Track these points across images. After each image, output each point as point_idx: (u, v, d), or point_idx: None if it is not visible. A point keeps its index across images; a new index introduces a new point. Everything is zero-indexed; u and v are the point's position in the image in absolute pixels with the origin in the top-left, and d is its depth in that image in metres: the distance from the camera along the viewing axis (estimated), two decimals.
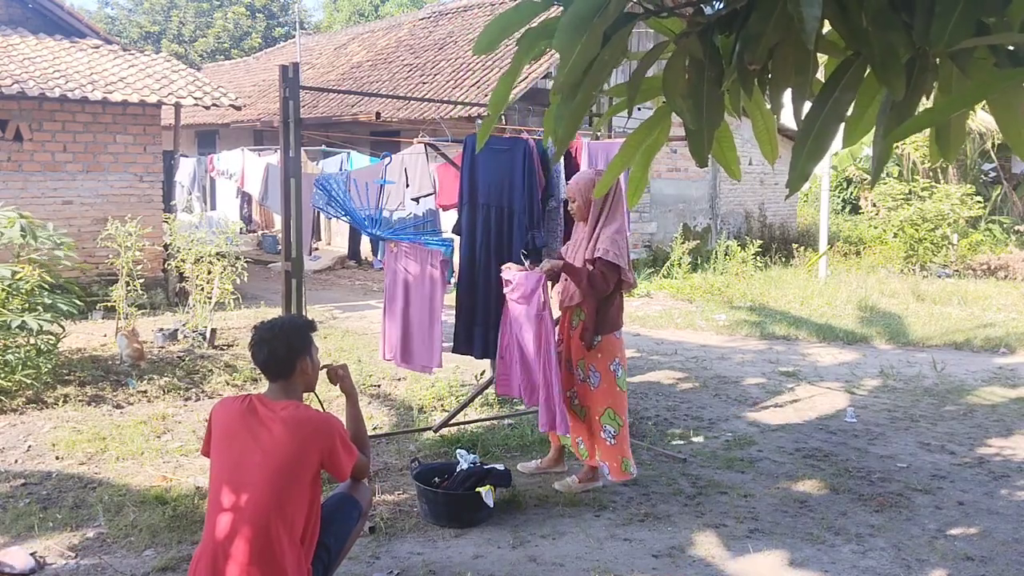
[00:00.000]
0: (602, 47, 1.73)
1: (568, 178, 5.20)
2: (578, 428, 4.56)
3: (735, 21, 1.79)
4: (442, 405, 6.14)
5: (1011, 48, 1.69)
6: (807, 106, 1.78)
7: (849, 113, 1.85)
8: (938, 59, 1.73)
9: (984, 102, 1.61)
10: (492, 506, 4.10)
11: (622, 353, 4.52)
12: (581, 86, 1.81)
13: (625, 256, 4.32)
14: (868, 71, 1.75)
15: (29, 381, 5.97)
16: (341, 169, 8.87)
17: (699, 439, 5.62)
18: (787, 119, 1.94)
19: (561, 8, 1.73)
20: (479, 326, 5.02)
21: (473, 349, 5.08)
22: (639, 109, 2.06)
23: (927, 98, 1.84)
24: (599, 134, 5.76)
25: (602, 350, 4.40)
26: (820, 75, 1.84)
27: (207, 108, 10.88)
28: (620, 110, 2.12)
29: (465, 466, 4.32)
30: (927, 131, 1.75)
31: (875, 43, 1.66)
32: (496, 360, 4.75)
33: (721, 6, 1.87)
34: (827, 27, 1.76)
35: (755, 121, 2.11)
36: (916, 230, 14.15)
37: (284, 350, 2.87)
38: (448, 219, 6.07)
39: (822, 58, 1.89)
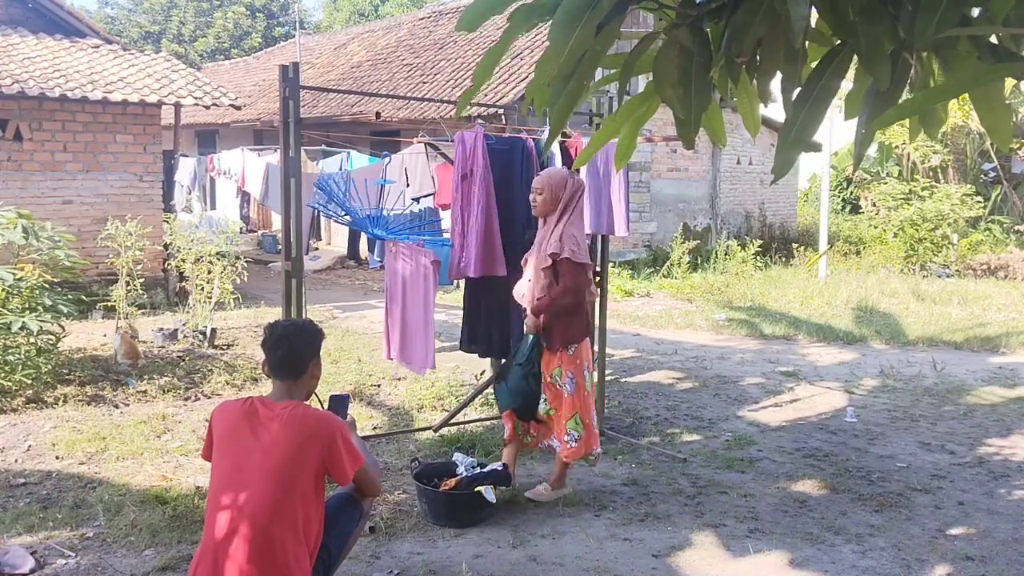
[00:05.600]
0: (595, 37, 1.75)
1: None
2: (546, 431, 4.50)
3: (724, 12, 1.82)
4: (442, 405, 6.14)
5: (993, 41, 1.71)
6: (795, 94, 1.81)
7: (849, 90, 1.88)
8: (924, 51, 1.76)
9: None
10: (495, 502, 4.09)
11: (591, 356, 4.54)
12: (574, 75, 1.83)
13: (581, 248, 4.29)
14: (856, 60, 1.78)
15: (29, 381, 5.97)
16: (341, 169, 8.87)
17: (699, 438, 5.62)
18: (778, 113, 1.97)
19: None
20: (483, 325, 5.03)
21: (478, 348, 5.08)
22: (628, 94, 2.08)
23: (910, 88, 1.87)
24: None
25: (578, 356, 4.38)
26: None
27: (207, 108, 10.88)
28: (611, 81, 2.13)
29: (463, 470, 4.32)
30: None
31: (862, 34, 1.69)
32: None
33: None
34: (814, 16, 1.79)
35: (740, 99, 2.13)
36: (916, 230, 14.16)
37: (302, 349, 2.91)
38: (448, 218, 6.07)
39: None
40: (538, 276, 4.33)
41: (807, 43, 1.85)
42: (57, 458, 4.99)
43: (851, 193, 20.89)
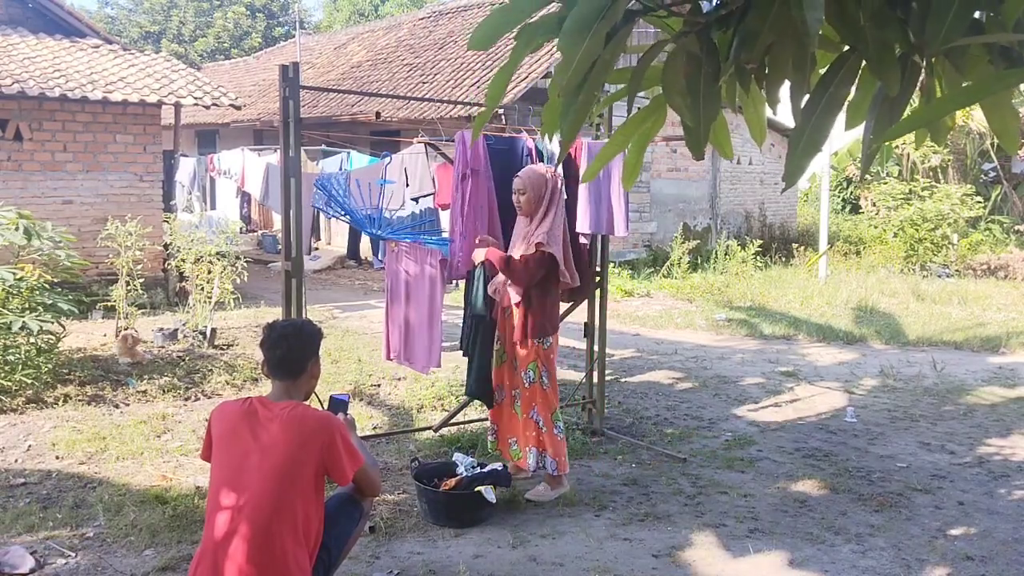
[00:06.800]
0: (604, 47, 1.74)
1: (568, 179, 5.20)
2: (514, 429, 4.58)
3: (732, 19, 1.81)
4: (442, 405, 6.14)
5: (1004, 46, 1.70)
6: (804, 101, 1.80)
7: (850, 98, 1.88)
8: (933, 56, 1.75)
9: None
10: (495, 501, 4.10)
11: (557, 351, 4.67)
12: (584, 86, 1.82)
13: (561, 250, 4.39)
14: (863, 65, 1.77)
15: (29, 381, 5.97)
16: (341, 169, 8.87)
17: (699, 438, 5.62)
18: (785, 117, 1.96)
19: (559, 4, 1.75)
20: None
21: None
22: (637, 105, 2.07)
23: (920, 93, 1.86)
24: (598, 135, 5.76)
25: (553, 351, 4.47)
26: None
27: (207, 108, 10.88)
28: (619, 98, 2.13)
29: (463, 470, 4.32)
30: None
31: (871, 39, 1.68)
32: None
33: (718, 3, 1.89)
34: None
35: (746, 106, 2.13)
36: (916, 230, 14.16)
37: (301, 349, 2.91)
38: (448, 219, 6.06)
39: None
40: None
41: (816, 50, 1.85)
42: (57, 458, 4.99)
43: (851, 193, 20.89)
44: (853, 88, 1.84)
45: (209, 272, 8.16)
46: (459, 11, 17.47)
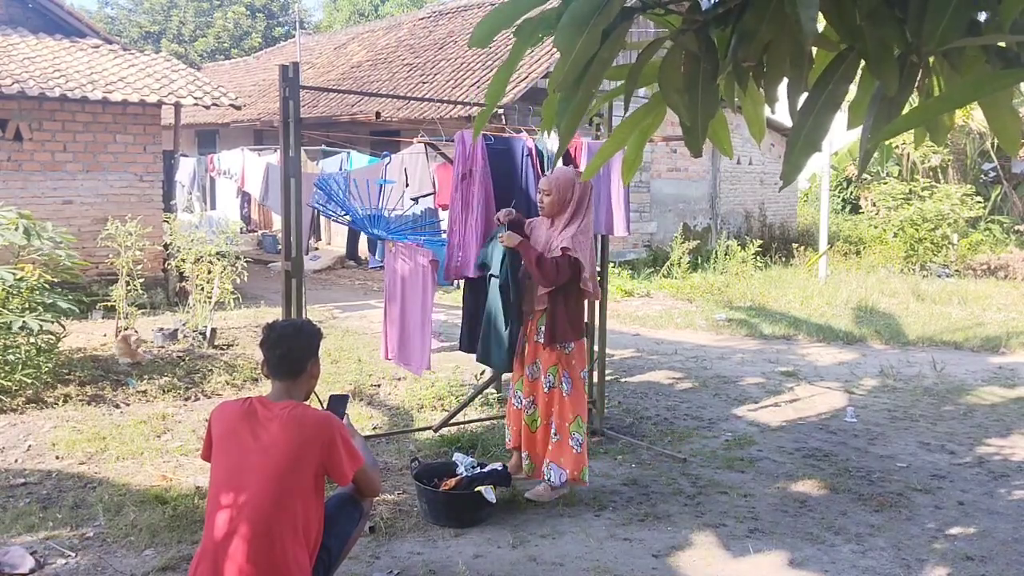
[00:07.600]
0: (601, 44, 1.74)
1: None
2: (530, 443, 4.49)
3: (730, 17, 1.81)
4: (442, 405, 6.14)
5: (1000, 46, 1.71)
6: (802, 99, 1.80)
7: (852, 98, 1.88)
8: (930, 56, 1.76)
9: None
10: (495, 501, 4.10)
11: (586, 359, 4.60)
12: (582, 83, 1.82)
13: (586, 257, 4.29)
14: (862, 64, 1.77)
15: (29, 380, 5.97)
16: (341, 169, 8.88)
17: (699, 438, 5.62)
18: (784, 116, 1.96)
19: (559, 0, 1.75)
20: (483, 325, 5.03)
21: (477, 348, 5.08)
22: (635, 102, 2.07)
23: (918, 92, 1.86)
24: (598, 135, 5.76)
25: (575, 356, 4.40)
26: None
27: (207, 108, 10.88)
28: (617, 95, 2.13)
29: (463, 470, 4.32)
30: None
31: (869, 38, 1.69)
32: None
33: (716, 1, 1.89)
34: (821, 20, 1.79)
35: (745, 104, 2.13)
36: (916, 230, 14.16)
37: (301, 349, 2.91)
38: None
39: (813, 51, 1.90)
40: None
41: (814, 48, 1.84)
42: (57, 458, 4.98)
43: (851, 193, 20.89)
44: (854, 88, 1.84)
45: (209, 272, 8.16)
46: (459, 11, 17.47)
